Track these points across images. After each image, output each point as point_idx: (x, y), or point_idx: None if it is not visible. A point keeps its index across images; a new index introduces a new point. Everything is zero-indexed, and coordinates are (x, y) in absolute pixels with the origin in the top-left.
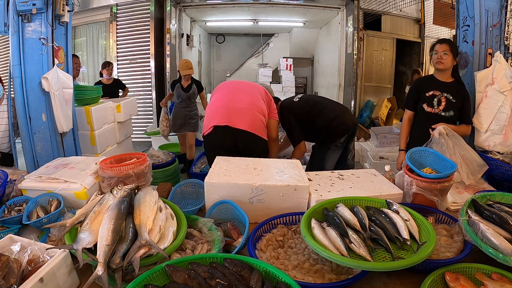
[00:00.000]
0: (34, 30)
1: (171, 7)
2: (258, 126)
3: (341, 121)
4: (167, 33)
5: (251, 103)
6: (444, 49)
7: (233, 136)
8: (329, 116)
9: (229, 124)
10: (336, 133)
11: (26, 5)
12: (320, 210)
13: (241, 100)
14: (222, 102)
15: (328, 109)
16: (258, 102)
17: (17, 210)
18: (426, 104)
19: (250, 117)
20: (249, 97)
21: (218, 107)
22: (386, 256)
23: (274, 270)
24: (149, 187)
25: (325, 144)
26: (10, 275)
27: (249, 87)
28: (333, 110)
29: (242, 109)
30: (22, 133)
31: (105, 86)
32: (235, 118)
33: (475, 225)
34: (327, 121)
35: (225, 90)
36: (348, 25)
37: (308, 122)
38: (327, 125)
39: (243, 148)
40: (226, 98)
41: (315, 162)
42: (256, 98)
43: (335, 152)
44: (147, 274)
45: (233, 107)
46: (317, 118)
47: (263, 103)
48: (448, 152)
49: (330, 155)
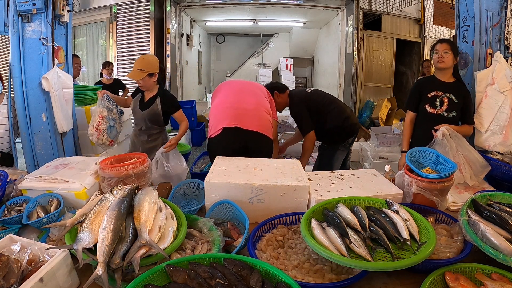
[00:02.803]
0: (34, 30)
1: (171, 7)
2: (266, 127)
3: (352, 121)
4: (167, 33)
5: (257, 103)
6: (445, 48)
7: (244, 138)
8: (341, 115)
9: (240, 125)
10: (348, 133)
11: (26, 5)
12: (320, 210)
13: (248, 101)
14: (229, 103)
15: (340, 108)
16: (264, 102)
17: (17, 210)
18: (429, 105)
19: (258, 118)
20: (255, 97)
21: (225, 108)
22: (386, 256)
23: (274, 270)
24: (149, 187)
25: (336, 144)
26: (10, 275)
27: (253, 87)
28: (344, 110)
29: (251, 110)
30: (22, 133)
31: (105, 86)
32: (245, 120)
33: (475, 225)
34: (340, 120)
35: (230, 90)
36: (348, 25)
37: (320, 116)
38: (340, 124)
39: (254, 149)
40: (233, 99)
41: (324, 162)
42: (261, 98)
43: (343, 153)
44: (147, 274)
45: (241, 108)
46: (329, 115)
47: (267, 103)
48: (451, 153)
49: (338, 156)
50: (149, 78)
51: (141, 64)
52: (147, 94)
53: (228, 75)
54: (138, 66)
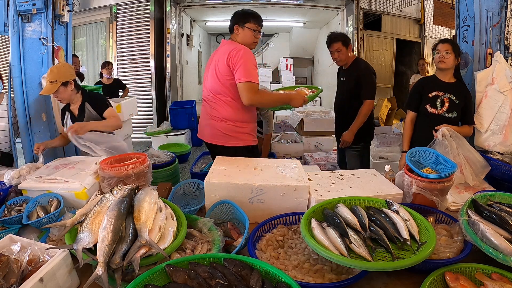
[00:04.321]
0: (34, 30)
1: (171, 7)
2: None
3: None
4: (167, 33)
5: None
6: (446, 48)
7: (210, 148)
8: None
9: (203, 139)
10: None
11: (26, 5)
12: (320, 210)
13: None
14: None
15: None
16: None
17: (17, 210)
18: (429, 105)
19: (210, 127)
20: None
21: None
22: (386, 256)
23: (274, 270)
24: (149, 187)
25: (369, 142)
26: (10, 275)
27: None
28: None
29: (204, 119)
30: (22, 133)
31: (105, 86)
32: (203, 131)
33: (475, 225)
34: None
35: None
36: (348, 25)
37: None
38: (373, 121)
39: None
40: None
41: (365, 162)
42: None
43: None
44: (147, 274)
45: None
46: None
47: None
48: (451, 153)
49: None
50: (65, 88)
51: (51, 76)
52: (73, 107)
53: None
54: (49, 78)
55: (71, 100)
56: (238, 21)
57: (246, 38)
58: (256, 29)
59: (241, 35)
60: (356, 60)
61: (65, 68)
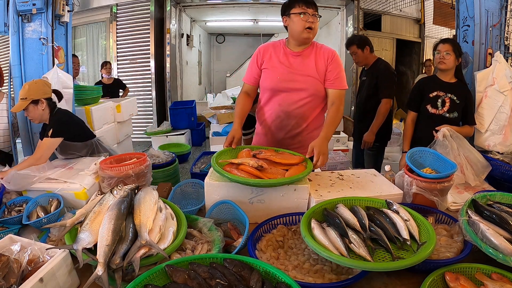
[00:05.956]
0: (34, 30)
1: (171, 7)
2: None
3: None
4: (167, 33)
5: None
6: (447, 49)
7: None
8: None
9: None
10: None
11: (26, 5)
12: (320, 210)
13: None
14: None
15: None
16: None
17: (17, 210)
18: (430, 105)
19: None
20: None
21: None
22: (386, 256)
23: (274, 270)
24: (149, 187)
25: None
26: (10, 275)
27: None
28: None
29: None
30: (22, 133)
31: (105, 86)
32: None
33: (475, 225)
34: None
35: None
36: (348, 25)
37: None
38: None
39: None
40: None
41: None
42: None
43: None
44: (147, 274)
45: None
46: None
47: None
48: (452, 154)
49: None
50: (35, 107)
51: (22, 92)
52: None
53: (228, 75)
54: (20, 95)
55: (42, 120)
56: (284, 13)
57: (294, 26)
58: (302, 11)
59: (289, 27)
60: (377, 61)
61: (38, 85)
